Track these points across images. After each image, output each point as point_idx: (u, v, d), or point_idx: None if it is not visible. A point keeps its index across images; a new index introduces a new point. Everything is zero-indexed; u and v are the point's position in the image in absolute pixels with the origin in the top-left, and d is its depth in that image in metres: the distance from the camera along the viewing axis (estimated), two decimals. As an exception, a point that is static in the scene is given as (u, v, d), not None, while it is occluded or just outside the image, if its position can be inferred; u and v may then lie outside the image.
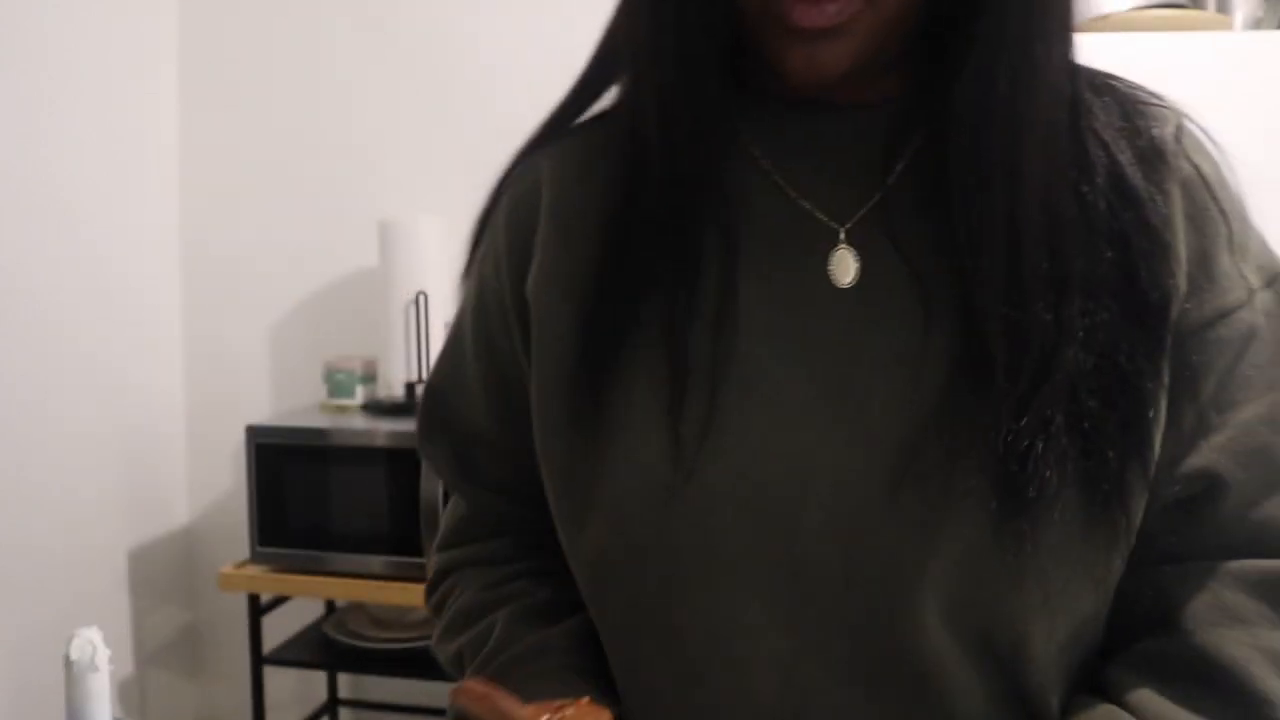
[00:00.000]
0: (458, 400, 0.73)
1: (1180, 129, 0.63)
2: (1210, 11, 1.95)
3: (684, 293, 0.60)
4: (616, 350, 0.61)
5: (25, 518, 2.04)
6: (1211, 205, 0.61)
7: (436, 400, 0.75)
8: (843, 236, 0.60)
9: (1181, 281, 0.58)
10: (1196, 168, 0.62)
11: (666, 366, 0.59)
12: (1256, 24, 1.96)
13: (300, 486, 2.06)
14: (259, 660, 2.11)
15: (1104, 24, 1.84)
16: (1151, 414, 0.57)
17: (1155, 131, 0.61)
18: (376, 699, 2.45)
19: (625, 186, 0.62)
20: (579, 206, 0.65)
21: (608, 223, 0.63)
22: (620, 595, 0.64)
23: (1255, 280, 0.60)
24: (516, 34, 2.29)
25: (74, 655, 1.04)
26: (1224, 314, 0.59)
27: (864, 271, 0.60)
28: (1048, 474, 0.54)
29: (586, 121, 0.70)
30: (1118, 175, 0.59)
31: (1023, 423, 0.54)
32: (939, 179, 0.59)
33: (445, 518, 0.79)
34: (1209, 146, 0.64)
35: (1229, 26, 1.91)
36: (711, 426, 0.58)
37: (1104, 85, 0.63)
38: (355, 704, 2.48)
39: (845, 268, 0.60)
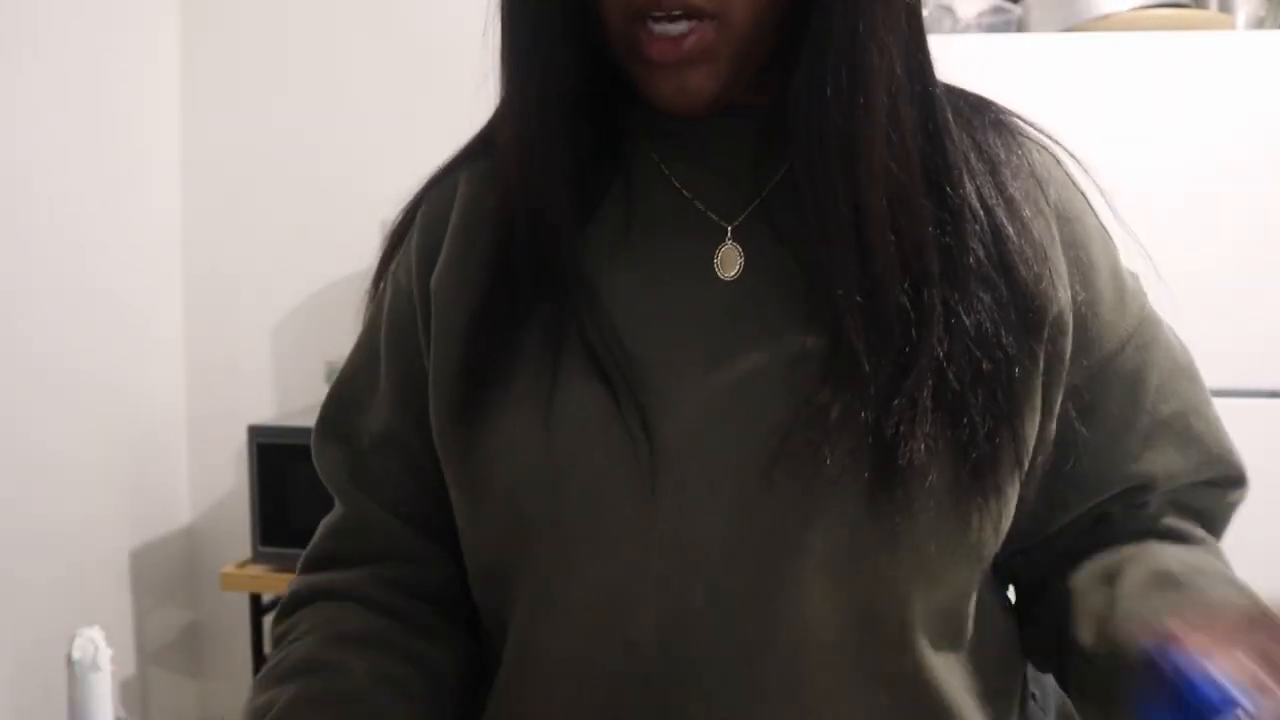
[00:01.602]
0: (366, 402, 0.73)
1: (1057, 155, 0.69)
2: (1212, 11, 1.95)
3: (563, 290, 0.63)
4: (504, 344, 0.64)
5: (28, 517, 2.04)
6: (1099, 228, 0.68)
7: (342, 402, 0.74)
8: (729, 233, 0.64)
9: (1064, 286, 0.63)
10: (1082, 194, 0.68)
11: (550, 358, 0.62)
12: (1259, 23, 1.96)
13: (302, 486, 2.06)
14: (261, 660, 2.12)
15: (1105, 24, 1.84)
16: (1021, 391, 0.61)
17: (1034, 153, 0.67)
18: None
19: (517, 194, 0.66)
20: (482, 211, 0.69)
21: (502, 226, 0.66)
22: (517, 579, 0.65)
23: (1140, 303, 0.69)
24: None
25: (76, 655, 1.04)
26: (1131, 333, 0.66)
27: (747, 265, 0.63)
28: (917, 446, 0.57)
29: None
30: (1000, 182, 0.64)
31: (893, 404, 0.58)
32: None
33: (320, 529, 0.75)
34: (1073, 178, 0.69)
35: (1231, 26, 1.91)
36: (592, 410, 0.61)
37: (980, 104, 0.68)
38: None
39: (729, 261, 0.64)
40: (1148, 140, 1.73)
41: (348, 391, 0.74)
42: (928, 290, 0.59)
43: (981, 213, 0.62)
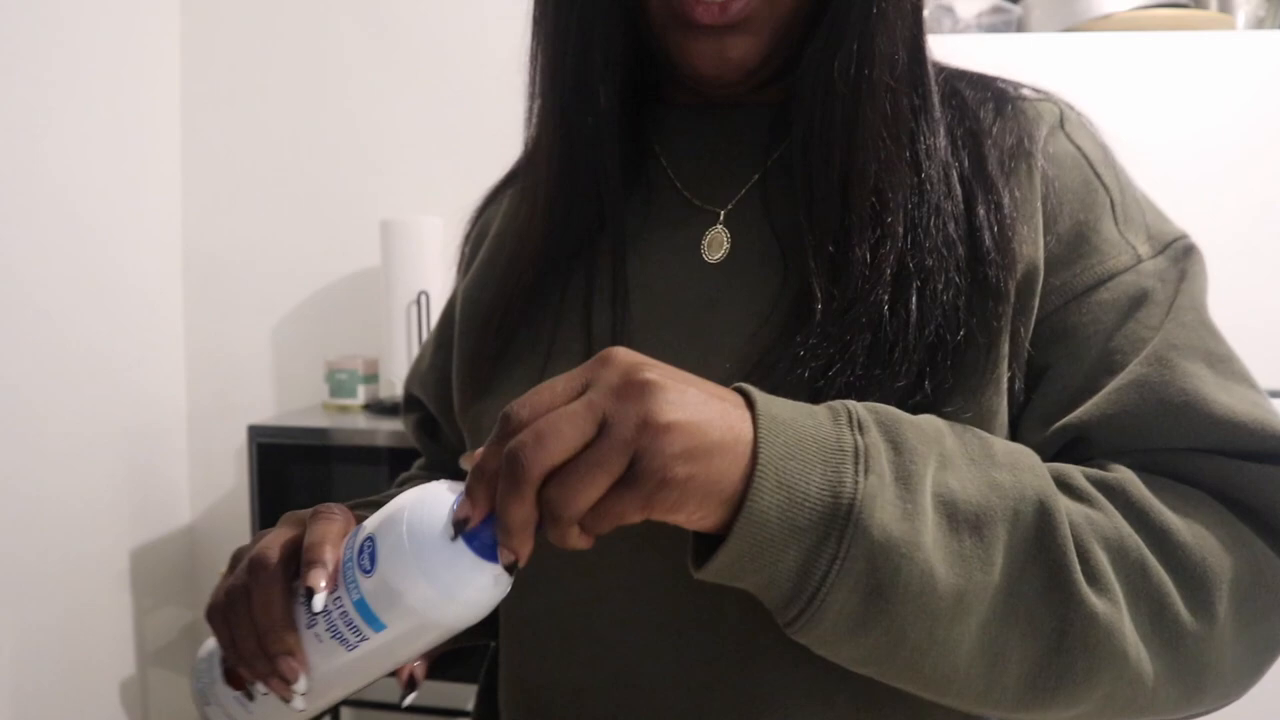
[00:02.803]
0: (421, 389, 0.86)
1: (1063, 117, 0.69)
2: (1212, 11, 1.95)
3: (561, 276, 0.69)
4: (515, 334, 0.70)
5: (28, 517, 2.04)
6: (1094, 180, 0.66)
7: (408, 387, 0.89)
8: (721, 219, 0.68)
9: (1027, 252, 0.62)
10: (1079, 148, 0.68)
11: (547, 338, 0.68)
12: (1259, 23, 1.96)
13: (302, 486, 2.06)
14: (261, 660, 2.11)
15: (1106, 23, 1.84)
16: (973, 359, 0.60)
17: (1025, 124, 0.67)
18: (378, 699, 2.45)
19: (535, 195, 0.72)
20: (518, 221, 0.75)
21: (532, 231, 0.72)
22: None
23: (1144, 248, 0.65)
24: (519, 34, 2.28)
25: None
26: (1107, 278, 0.63)
27: (734, 249, 0.67)
28: (833, 394, 0.58)
29: None
30: (981, 155, 0.65)
31: (822, 344, 0.60)
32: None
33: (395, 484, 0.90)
34: (1092, 130, 0.71)
35: (1231, 26, 1.91)
36: None
37: (981, 81, 0.70)
38: (356, 704, 2.48)
39: (716, 246, 0.68)
40: (1147, 140, 1.73)
41: (410, 379, 0.88)
42: (884, 248, 0.61)
43: (957, 185, 0.64)
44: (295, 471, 2.07)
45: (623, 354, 0.50)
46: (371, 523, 0.54)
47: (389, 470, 2.02)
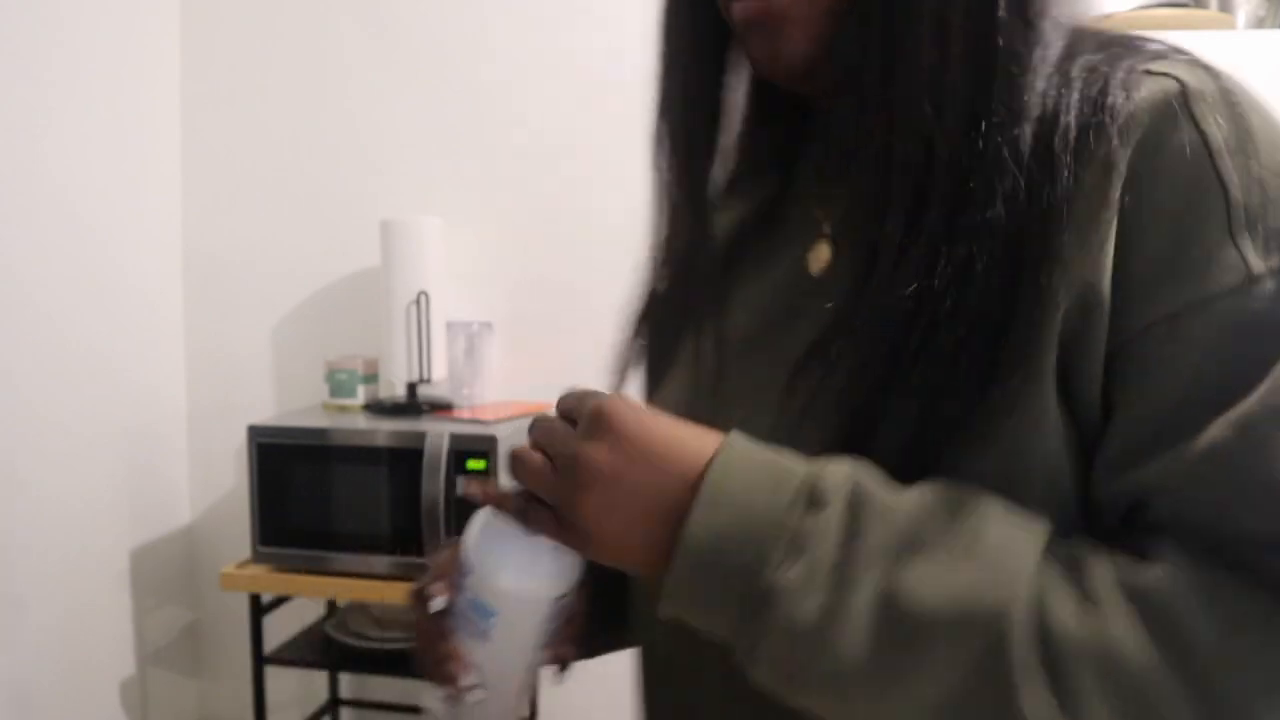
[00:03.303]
0: None
1: (1187, 96, 0.54)
2: (1212, 11, 1.95)
3: (694, 294, 0.72)
4: (664, 347, 0.75)
5: (27, 517, 2.04)
6: (1211, 174, 0.52)
7: None
8: (827, 230, 0.67)
9: (1078, 271, 0.53)
10: (1203, 134, 0.53)
11: (666, 350, 0.74)
12: (1259, 23, 1.95)
13: (302, 486, 2.06)
14: (260, 660, 2.12)
15: (1107, 23, 1.84)
16: (1003, 378, 0.53)
17: (1134, 97, 0.55)
18: (378, 699, 2.45)
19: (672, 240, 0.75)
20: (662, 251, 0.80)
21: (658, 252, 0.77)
22: None
23: (1263, 263, 0.51)
24: (519, 35, 2.29)
25: None
26: (1203, 301, 0.51)
27: (834, 258, 0.65)
28: (857, 404, 0.57)
29: None
30: (1047, 143, 0.55)
31: (845, 349, 0.58)
32: None
33: None
34: (1232, 109, 0.54)
35: (1232, 26, 1.91)
36: (679, 397, 0.71)
37: (1107, 43, 0.62)
38: (356, 704, 2.48)
39: (819, 258, 0.66)
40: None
41: None
42: (912, 252, 0.56)
43: (1013, 167, 0.55)
44: (295, 471, 2.06)
45: (594, 421, 0.57)
46: (465, 536, 0.66)
47: (389, 470, 2.02)
